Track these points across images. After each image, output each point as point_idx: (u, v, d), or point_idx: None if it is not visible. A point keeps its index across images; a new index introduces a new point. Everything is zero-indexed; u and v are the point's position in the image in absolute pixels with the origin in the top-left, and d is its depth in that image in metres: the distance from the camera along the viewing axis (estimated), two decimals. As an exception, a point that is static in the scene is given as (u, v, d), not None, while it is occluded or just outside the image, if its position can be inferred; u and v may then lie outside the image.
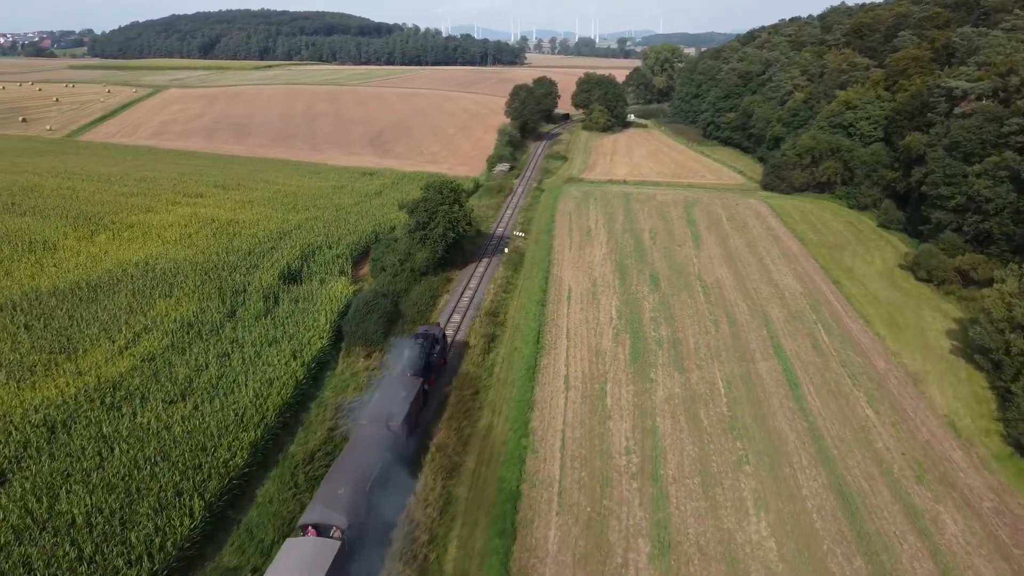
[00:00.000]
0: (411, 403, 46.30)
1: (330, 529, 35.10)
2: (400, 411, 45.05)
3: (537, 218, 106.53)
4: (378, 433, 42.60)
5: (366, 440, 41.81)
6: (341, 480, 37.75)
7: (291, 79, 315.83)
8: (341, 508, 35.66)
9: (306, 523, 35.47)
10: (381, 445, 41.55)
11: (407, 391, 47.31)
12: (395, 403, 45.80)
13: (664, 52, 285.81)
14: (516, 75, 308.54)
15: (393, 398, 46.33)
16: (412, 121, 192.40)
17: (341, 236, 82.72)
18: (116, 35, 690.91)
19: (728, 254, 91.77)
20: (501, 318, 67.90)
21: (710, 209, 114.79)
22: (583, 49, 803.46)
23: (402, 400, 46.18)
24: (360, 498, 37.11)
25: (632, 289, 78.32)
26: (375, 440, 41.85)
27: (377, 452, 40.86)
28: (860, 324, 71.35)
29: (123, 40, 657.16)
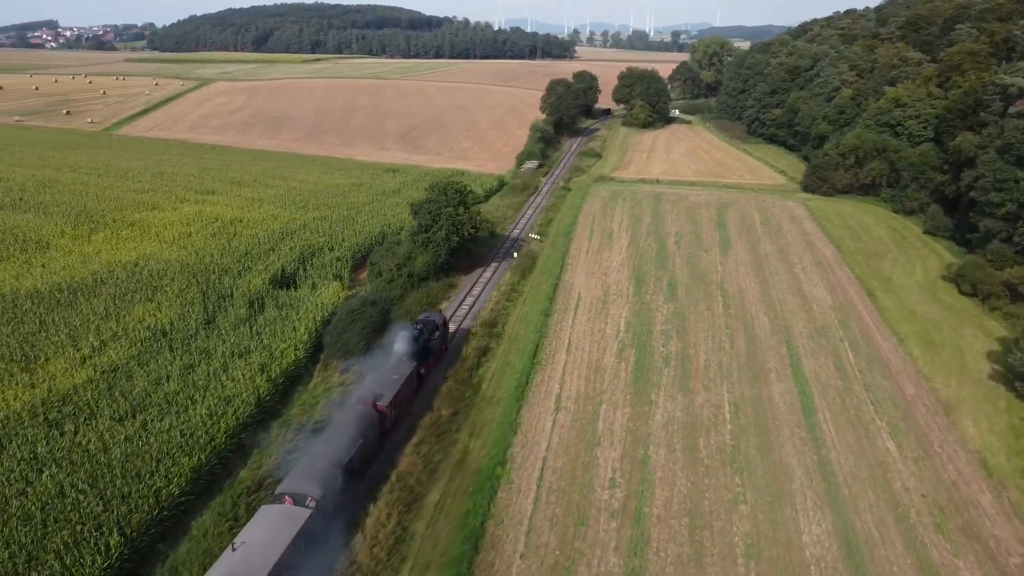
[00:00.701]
0: (401, 385, 48.42)
1: (305, 499, 36.74)
2: (389, 392, 47.12)
3: (558, 219, 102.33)
4: (364, 412, 44.50)
5: (351, 418, 43.65)
6: (321, 453, 39.90)
7: (336, 72, 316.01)
8: (316, 480, 37.60)
9: (282, 492, 37.28)
10: (365, 424, 43.51)
11: (399, 374, 49.48)
12: (386, 385, 48.04)
13: (713, 46, 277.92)
14: (562, 69, 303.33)
15: (385, 380, 48.65)
16: (448, 116, 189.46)
17: (346, 237, 79.99)
18: (174, 29, 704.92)
19: (756, 261, 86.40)
20: (499, 329, 64.14)
21: (744, 211, 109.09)
22: (635, 42, 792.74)
23: (393, 382, 48.36)
24: (337, 472, 39.03)
25: (646, 299, 73.78)
26: (360, 419, 43.71)
27: (360, 430, 42.70)
28: (892, 342, 65.74)
29: (180, 34, 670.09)
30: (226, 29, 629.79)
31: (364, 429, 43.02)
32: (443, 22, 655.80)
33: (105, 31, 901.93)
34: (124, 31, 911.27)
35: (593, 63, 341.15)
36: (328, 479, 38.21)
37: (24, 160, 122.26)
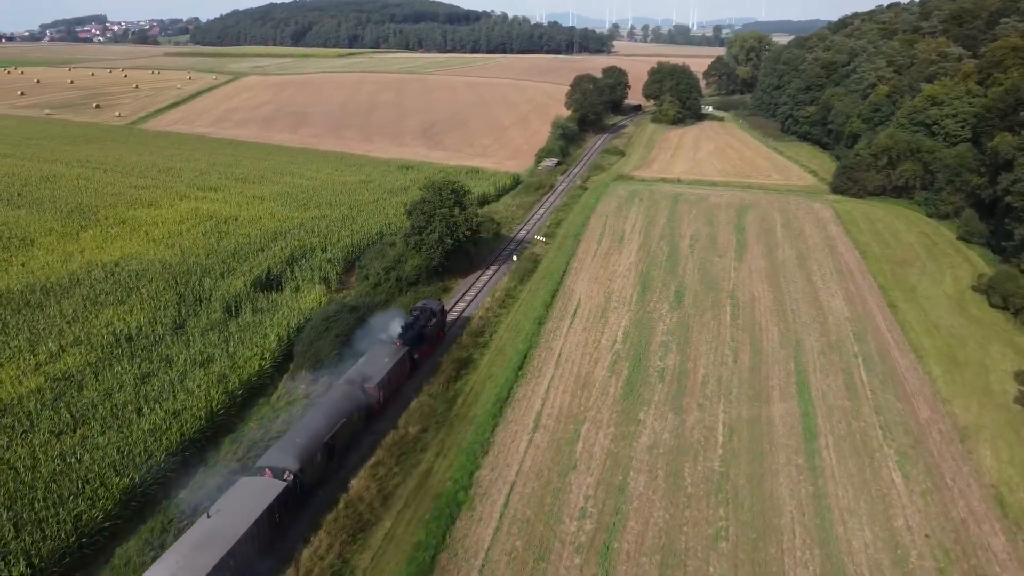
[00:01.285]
0: (391, 369, 49.74)
1: (283, 472, 38.35)
2: (378, 375, 48.61)
3: (569, 220, 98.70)
4: (351, 392, 46.21)
5: (339, 398, 45.40)
6: (303, 430, 41.58)
7: (366, 67, 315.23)
8: (295, 454, 39.22)
9: (262, 465, 39.06)
10: (350, 404, 45.10)
11: (390, 358, 50.84)
12: (376, 367, 49.51)
13: (750, 40, 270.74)
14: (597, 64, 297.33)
15: (376, 363, 50.14)
16: (471, 112, 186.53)
17: (342, 237, 77.47)
18: (216, 23, 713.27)
19: (772, 267, 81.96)
20: (485, 338, 60.90)
21: (765, 214, 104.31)
22: (676, 37, 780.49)
23: (383, 365, 49.75)
24: (317, 448, 40.58)
25: (650, 307, 69.99)
26: (346, 398, 45.43)
27: (344, 409, 44.34)
28: (910, 359, 61.14)
29: (221, 28, 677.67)
30: (266, 23, 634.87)
31: (349, 409, 44.65)
32: (481, 16, 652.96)
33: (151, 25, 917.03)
34: (170, 25, 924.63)
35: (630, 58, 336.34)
36: (307, 455, 39.73)
37: (37, 154, 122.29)
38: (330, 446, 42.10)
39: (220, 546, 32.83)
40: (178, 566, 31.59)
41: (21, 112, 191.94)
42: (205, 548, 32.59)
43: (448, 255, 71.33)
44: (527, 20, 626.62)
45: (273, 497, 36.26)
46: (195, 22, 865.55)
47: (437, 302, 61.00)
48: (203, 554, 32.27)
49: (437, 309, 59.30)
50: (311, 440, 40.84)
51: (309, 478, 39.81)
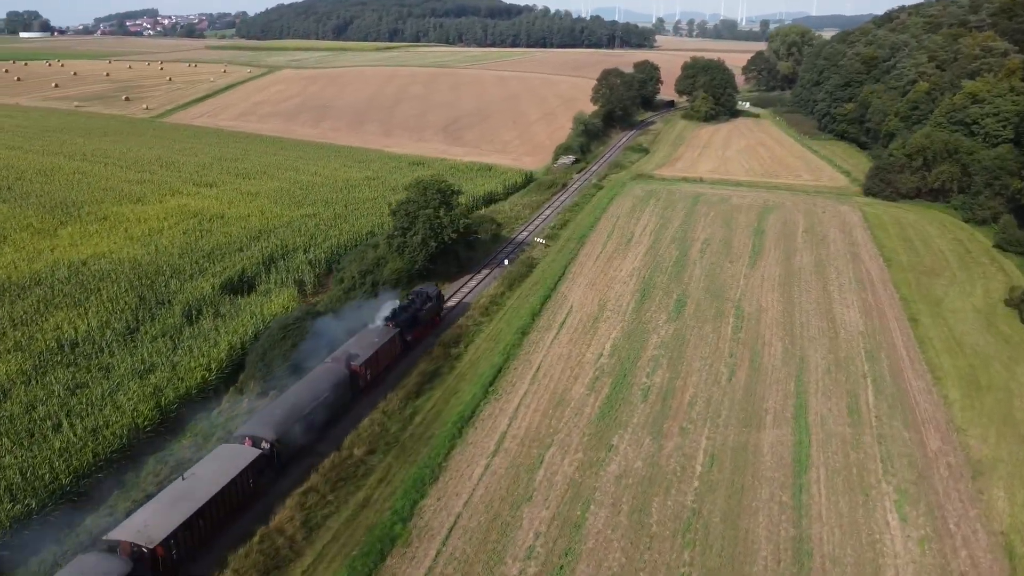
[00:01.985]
0: (379, 348, 51.00)
1: (260, 441, 40.05)
2: (364, 353, 49.75)
3: (576, 221, 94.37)
4: (336, 370, 47.56)
5: (323, 374, 46.95)
6: (284, 402, 43.40)
7: (400, 60, 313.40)
8: (272, 425, 40.95)
9: (242, 433, 40.89)
10: (334, 380, 46.47)
11: (379, 338, 52.00)
12: (364, 346, 50.63)
13: (792, 35, 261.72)
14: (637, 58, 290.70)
15: (365, 342, 51.26)
16: (498, 106, 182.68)
17: (330, 237, 74.32)
18: (261, 17, 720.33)
19: (787, 275, 76.75)
20: (459, 349, 57.06)
21: (788, 216, 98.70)
22: (723, 32, 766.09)
23: (371, 345, 50.91)
24: (296, 421, 42.13)
25: (646, 316, 65.53)
26: (330, 375, 46.81)
27: (327, 385, 45.71)
28: (926, 381, 55.88)
29: (265, 22, 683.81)
30: (309, 17, 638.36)
31: (332, 386, 45.94)
32: (523, 10, 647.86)
33: (200, 19, 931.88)
34: (218, 19, 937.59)
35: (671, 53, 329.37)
36: (285, 426, 41.38)
37: (46, 147, 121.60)
38: (310, 420, 43.53)
39: (190, 505, 34.43)
40: (145, 523, 33.12)
41: (51, 104, 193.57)
42: (175, 506, 34.22)
43: (433, 258, 67.73)
44: (569, 14, 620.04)
45: (247, 463, 37.90)
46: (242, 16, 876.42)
47: (434, 287, 62.31)
48: (173, 512, 33.87)
49: (433, 294, 60.70)
50: (290, 412, 42.51)
51: (286, 449, 41.53)
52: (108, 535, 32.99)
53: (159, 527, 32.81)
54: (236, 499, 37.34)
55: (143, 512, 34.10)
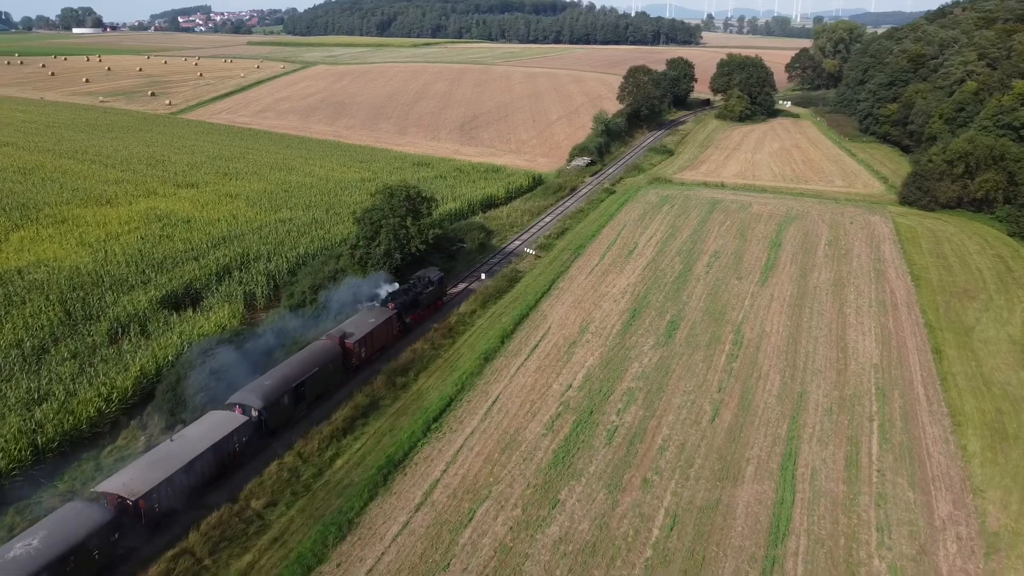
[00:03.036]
0: (375, 328, 52.79)
1: (249, 409, 42.20)
2: (359, 332, 51.73)
3: (577, 229, 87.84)
4: (329, 346, 49.58)
5: (317, 350, 48.96)
6: (275, 374, 45.28)
7: (434, 57, 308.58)
8: (260, 394, 42.89)
9: (232, 402, 42.85)
10: (325, 356, 48.30)
11: (376, 318, 53.88)
12: (359, 325, 52.52)
13: (840, 31, 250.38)
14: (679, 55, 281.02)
15: (362, 321, 53.24)
16: (520, 104, 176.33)
17: (299, 244, 69.11)
18: (308, 14, 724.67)
19: (799, 295, 69.30)
20: (408, 378, 51.06)
21: (811, 227, 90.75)
22: (774, 29, 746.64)
23: (367, 324, 52.80)
24: (283, 391, 44.07)
25: (631, 341, 58.90)
26: (323, 351, 48.77)
27: (318, 360, 47.53)
28: (943, 427, 48.41)
29: (312, 18, 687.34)
30: (353, 14, 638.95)
31: (322, 360, 47.74)
32: (568, 6, 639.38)
33: (251, 15, 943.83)
34: (268, 15, 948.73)
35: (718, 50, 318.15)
36: (273, 396, 43.27)
37: (40, 143, 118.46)
38: (299, 392, 45.40)
39: (173, 464, 36.60)
40: (131, 477, 35.44)
41: (75, 99, 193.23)
42: (160, 464, 36.52)
43: (399, 271, 61.95)
44: (614, 10, 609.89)
45: (232, 429, 40.06)
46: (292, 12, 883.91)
47: (437, 272, 63.40)
48: (157, 469, 36.11)
49: (435, 279, 61.92)
50: (280, 384, 44.27)
51: (274, 418, 43.39)
52: (96, 487, 35.78)
53: (143, 482, 35.16)
54: (220, 461, 39.43)
55: (130, 468, 36.43)
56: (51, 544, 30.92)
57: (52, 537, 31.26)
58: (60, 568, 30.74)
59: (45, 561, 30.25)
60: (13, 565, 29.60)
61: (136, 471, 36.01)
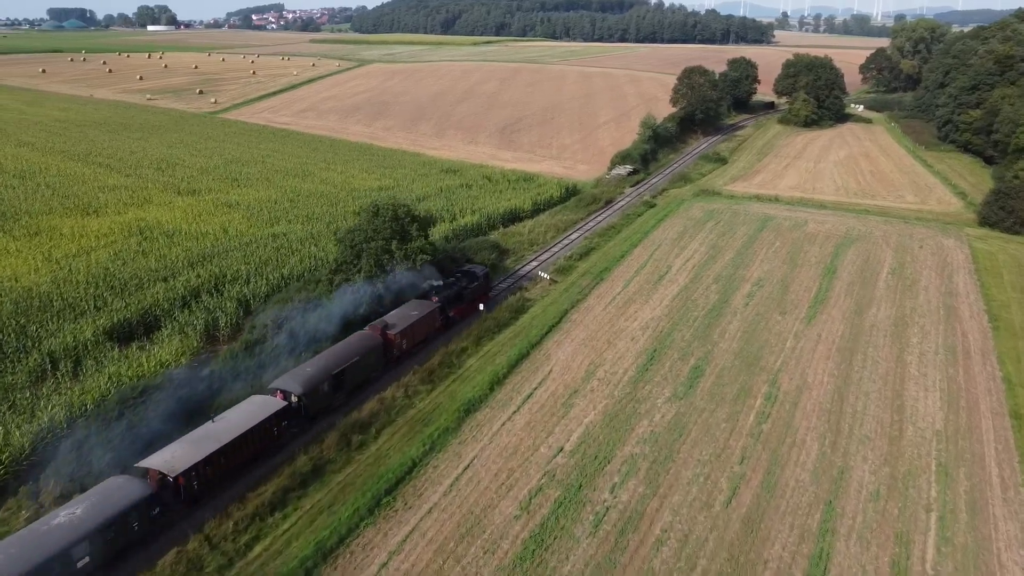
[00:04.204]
0: (417, 320, 53.36)
1: (289, 394, 43.41)
2: (402, 324, 52.21)
3: (605, 249, 79.38)
4: (371, 337, 50.19)
5: (359, 339, 49.64)
6: (316, 362, 46.27)
7: (491, 56, 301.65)
8: (301, 381, 43.97)
9: (274, 387, 44.13)
10: (366, 346, 48.97)
11: (419, 311, 54.38)
12: (402, 317, 53.16)
13: (920, 29, 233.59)
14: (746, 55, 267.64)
15: (405, 313, 53.84)
16: (568, 106, 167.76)
17: (285, 264, 62.57)
18: (375, 11, 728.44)
19: (853, 335, 59.65)
20: (364, 438, 43.39)
21: (873, 252, 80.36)
22: (852, 27, 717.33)
23: (409, 317, 53.43)
24: (323, 378, 44.88)
25: (643, 392, 50.44)
26: (364, 341, 49.47)
27: (358, 350, 48.22)
28: (1021, 525, 38.61)
29: (378, 16, 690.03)
30: (419, 11, 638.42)
31: (363, 350, 48.49)
32: (635, 4, 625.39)
33: (322, 13, 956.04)
34: (338, 13, 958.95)
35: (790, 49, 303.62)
36: (314, 383, 44.25)
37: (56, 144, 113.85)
38: (338, 379, 46.27)
39: (213, 444, 37.66)
40: (172, 454, 36.69)
41: (123, 97, 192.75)
42: (200, 444, 37.59)
43: (383, 299, 54.72)
44: (683, 8, 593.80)
45: (271, 412, 40.96)
46: (362, 10, 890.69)
47: (482, 268, 64.12)
48: (197, 447, 37.28)
49: (481, 274, 62.31)
50: (320, 371, 45.32)
51: (313, 404, 44.41)
52: (140, 463, 36.74)
53: (183, 460, 36.35)
54: (259, 443, 40.31)
55: (173, 446, 37.51)
56: (93, 514, 32.49)
57: (94, 508, 32.82)
58: (100, 537, 32.26)
59: (86, 530, 31.77)
60: (57, 531, 31.32)
61: (178, 449, 37.25)
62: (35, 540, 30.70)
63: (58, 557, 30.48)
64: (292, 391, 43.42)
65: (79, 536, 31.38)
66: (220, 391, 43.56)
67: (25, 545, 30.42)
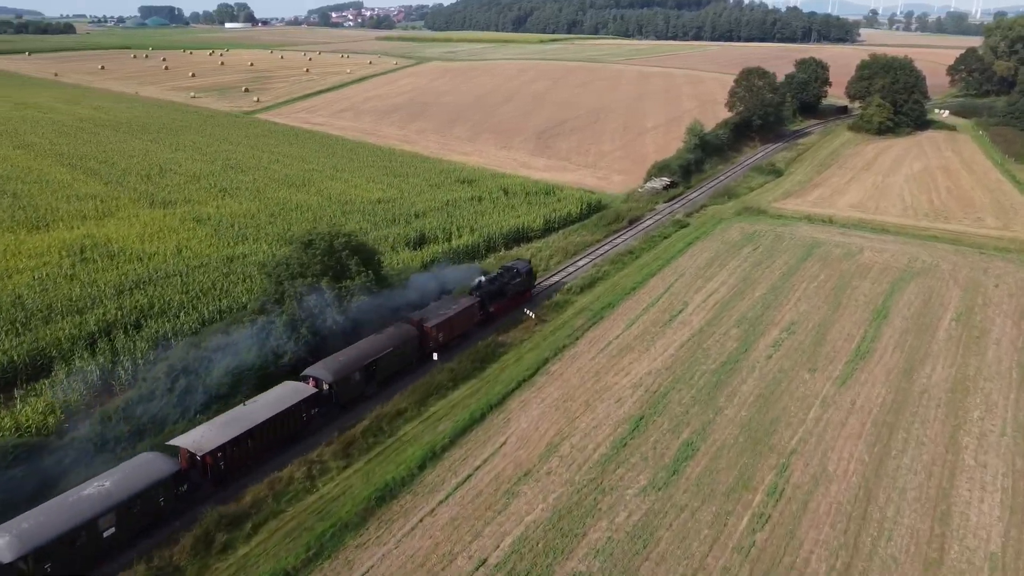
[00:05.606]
0: (454, 314, 53.70)
1: (321, 382, 44.26)
2: (437, 318, 52.67)
3: (616, 279, 69.24)
4: (406, 328, 50.83)
5: (392, 331, 49.99)
6: (349, 351, 47.02)
7: (553, 54, 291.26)
8: (332, 369, 44.77)
9: (307, 374, 44.76)
10: (401, 338, 49.52)
11: (457, 306, 55.06)
12: (440, 311, 53.96)
13: (1017, 28, 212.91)
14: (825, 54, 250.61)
15: (442, 307, 54.74)
16: (616, 108, 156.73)
17: (227, 294, 54.60)
18: (447, 9, 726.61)
19: (896, 405, 48.31)
20: (230, 538, 34.19)
21: (937, 289, 67.98)
22: (947, 26, 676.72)
23: (447, 310, 54.10)
24: (355, 367, 45.67)
25: (614, 477, 40.53)
26: (399, 333, 50.06)
27: (393, 341, 48.72)
28: None
29: (451, 13, 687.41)
30: (491, 9, 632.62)
31: (398, 342, 48.77)
32: (712, 1, 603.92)
33: (399, 11, 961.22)
34: (415, 11, 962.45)
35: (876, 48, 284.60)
36: (344, 372, 44.96)
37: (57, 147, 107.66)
38: (370, 370, 46.57)
39: (242, 425, 38.75)
40: (202, 434, 37.89)
41: (167, 95, 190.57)
42: (230, 425, 38.71)
43: (316, 351, 46.09)
44: (764, 5, 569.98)
45: (301, 398, 41.69)
46: (438, 7, 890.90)
47: (525, 264, 64.10)
48: (227, 428, 38.37)
49: (523, 270, 62.62)
50: (353, 360, 45.68)
51: (344, 392, 44.77)
52: (170, 441, 37.80)
53: (211, 440, 37.25)
54: (288, 428, 41.01)
55: (204, 426, 38.65)
56: (121, 487, 33.45)
57: (123, 482, 33.79)
58: (126, 509, 33.30)
59: (113, 502, 32.78)
60: (86, 502, 32.32)
61: (207, 429, 38.34)
62: (64, 509, 31.76)
63: (85, 526, 31.57)
64: (323, 379, 43.96)
65: (106, 507, 32.46)
66: (67, 472, 35.44)
67: (54, 513, 31.47)
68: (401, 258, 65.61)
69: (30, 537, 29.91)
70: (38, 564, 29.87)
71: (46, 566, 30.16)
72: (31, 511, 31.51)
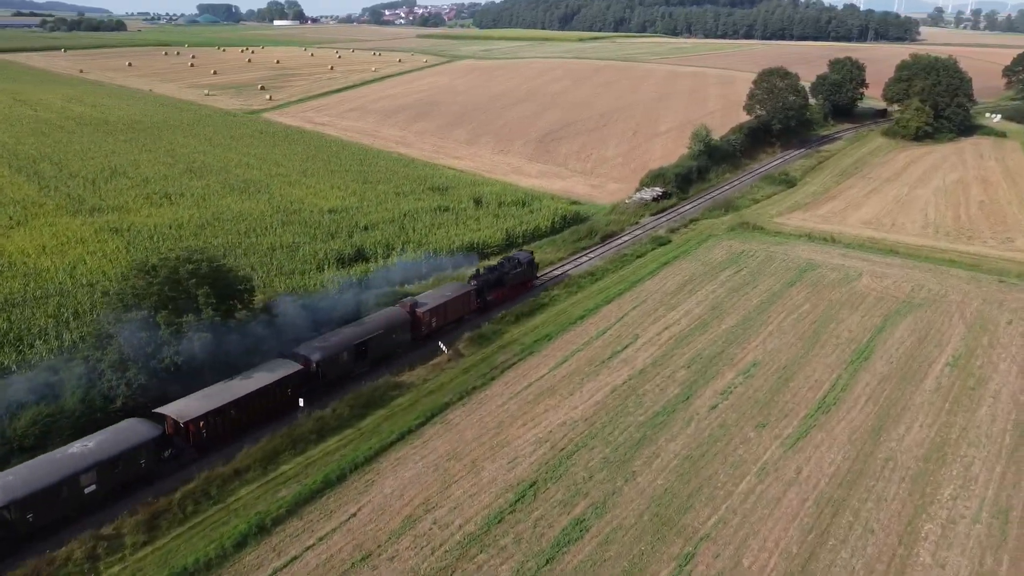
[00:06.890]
0: (448, 301, 55.13)
1: (309, 361, 45.40)
2: (432, 303, 54.16)
3: (563, 306, 61.74)
4: (399, 313, 52.50)
5: (384, 314, 52.08)
6: (342, 331, 49.08)
7: (589, 52, 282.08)
8: (322, 349, 46.36)
9: (297, 352, 46.07)
10: (392, 321, 51.20)
11: (453, 292, 56.50)
12: (435, 298, 55.14)
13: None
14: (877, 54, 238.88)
15: (437, 294, 56.20)
16: (631, 110, 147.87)
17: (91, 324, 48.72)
18: (495, 7, 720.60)
19: (852, 476, 40.21)
20: None
21: (936, 326, 58.91)
22: (1018, 24, 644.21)
23: (442, 296, 55.42)
24: (344, 347, 47.31)
25: (472, 565, 33.51)
26: (390, 316, 51.78)
27: (383, 324, 50.46)
28: None
29: (498, 11, 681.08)
30: (538, 7, 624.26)
31: (389, 324, 50.78)
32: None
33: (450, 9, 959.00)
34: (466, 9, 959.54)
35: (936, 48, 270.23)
36: (334, 352, 46.55)
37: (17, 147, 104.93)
38: (360, 350, 48.31)
39: (225, 396, 40.36)
40: (187, 404, 39.48)
41: (181, 93, 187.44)
42: (214, 396, 40.31)
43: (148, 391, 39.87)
44: (819, 2, 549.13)
45: (286, 374, 43.18)
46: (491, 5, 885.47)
47: (527, 254, 64.89)
48: (210, 399, 39.99)
49: (525, 260, 63.33)
50: (342, 341, 47.75)
51: (330, 371, 46.31)
52: (157, 409, 39.39)
53: (195, 409, 39.14)
54: (271, 401, 42.45)
55: (190, 396, 40.22)
56: (103, 448, 35.18)
57: (105, 443, 35.52)
58: (108, 468, 34.93)
59: (95, 460, 34.52)
60: (70, 460, 34.21)
61: (193, 399, 39.67)
62: (48, 465, 33.65)
63: (67, 481, 33.32)
64: (312, 357, 45.01)
65: (88, 465, 34.14)
66: None
67: (38, 469, 33.42)
68: (324, 278, 59.22)
69: (13, 489, 31.80)
70: (21, 514, 31.68)
71: (28, 516, 32.00)
72: (18, 466, 33.57)
